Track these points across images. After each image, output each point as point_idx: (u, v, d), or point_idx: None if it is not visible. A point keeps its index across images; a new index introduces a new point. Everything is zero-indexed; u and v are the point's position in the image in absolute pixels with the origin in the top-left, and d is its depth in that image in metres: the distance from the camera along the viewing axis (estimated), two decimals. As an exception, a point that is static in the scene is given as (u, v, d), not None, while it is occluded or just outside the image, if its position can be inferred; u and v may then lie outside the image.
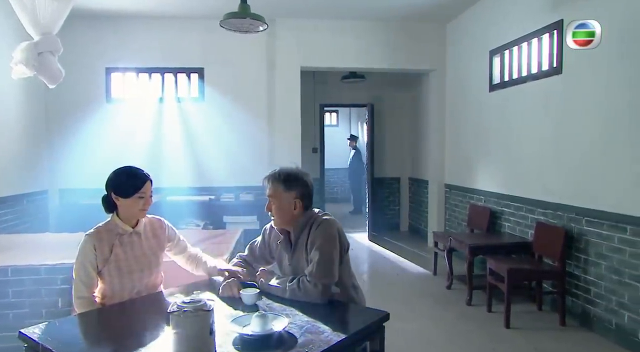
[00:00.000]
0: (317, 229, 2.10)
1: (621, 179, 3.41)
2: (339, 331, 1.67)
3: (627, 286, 3.35)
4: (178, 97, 6.06)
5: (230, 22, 3.93)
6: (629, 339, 3.34)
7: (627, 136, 3.36)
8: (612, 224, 3.46)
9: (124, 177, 2.13)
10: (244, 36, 5.60)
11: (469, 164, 5.80)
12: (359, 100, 7.99)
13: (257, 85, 6.14)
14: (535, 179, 4.38)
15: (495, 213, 5.06)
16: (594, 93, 3.65)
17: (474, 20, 5.62)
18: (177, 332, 1.44)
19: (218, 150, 6.00)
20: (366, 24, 6.22)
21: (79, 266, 2.06)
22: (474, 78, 5.59)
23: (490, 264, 4.04)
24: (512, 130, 4.78)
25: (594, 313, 3.66)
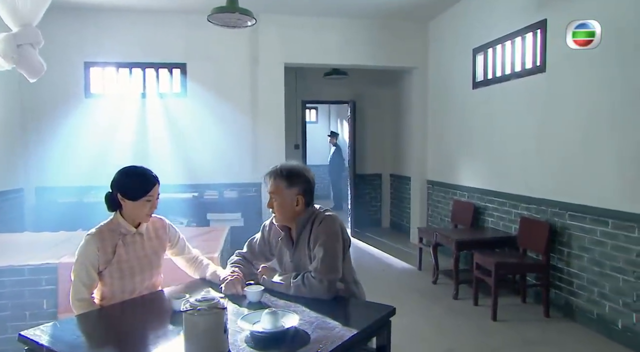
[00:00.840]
0: (320, 226, 2.10)
1: (603, 175, 3.52)
2: (350, 326, 1.67)
3: (609, 277, 3.47)
4: (160, 92, 5.94)
5: (218, 17, 3.87)
6: (610, 328, 3.47)
7: (609, 133, 3.48)
8: (595, 218, 3.58)
9: (132, 179, 2.06)
10: (227, 32, 5.54)
11: (452, 160, 5.89)
12: (341, 97, 8.00)
13: (240, 81, 6.09)
14: (519, 175, 4.48)
15: (479, 208, 5.16)
16: (577, 91, 3.76)
17: (456, 18, 5.70)
18: (191, 330, 1.42)
19: (201, 147, 5.93)
20: (349, 21, 6.23)
21: (80, 267, 2.00)
22: (457, 76, 5.67)
23: (477, 258, 4.12)
24: (495, 127, 4.87)
25: (576, 304, 3.78)
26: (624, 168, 3.35)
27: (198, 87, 5.95)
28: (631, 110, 3.29)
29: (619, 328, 3.41)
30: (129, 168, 2.13)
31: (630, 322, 3.31)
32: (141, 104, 5.88)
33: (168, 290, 2.16)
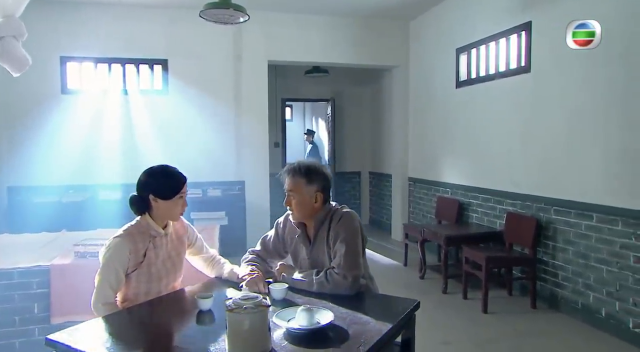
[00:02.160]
0: (339, 222, 2.11)
1: (587, 171, 3.69)
2: (383, 320, 1.70)
3: (593, 269, 3.65)
4: (141, 89, 5.79)
5: (210, 13, 3.81)
6: (594, 317, 3.64)
7: (592, 131, 3.64)
8: (579, 212, 3.74)
9: (164, 179, 2.05)
10: (209, 28, 5.47)
11: (435, 158, 6.01)
12: (321, 95, 8.03)
13: (223, 78, 6.01)
14: (504, 172, 4.63)
15: (463, 205, 5.29)
16: (561, 91, 3.92)
17: (439, 19, 5.82)
18: (236, 329, 1.41)
19: (184, 145, 5.82)
20: (332, 19, 6.25)
21: (110, 270, 1.94)
22: (440, 75, 5.79)
23: (467, 253, 4.24)
24: (480, 125, 5.01)
25: (561, 295, 3.95)
26: (607, 164, 3.52)
27: (180, 84, 5.84)
28: (614, 109, 3.46)
29: (602, 316, 3.58)
30: (158, 168, 2.10)
31: (614, 310, 3.49)
32: (121, 101, 5.71)
33: (188, 290, 2.13)
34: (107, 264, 1.96)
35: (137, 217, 2.10)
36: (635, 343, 3.29)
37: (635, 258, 3.32)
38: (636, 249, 3.31)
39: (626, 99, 3.37)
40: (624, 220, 3.38)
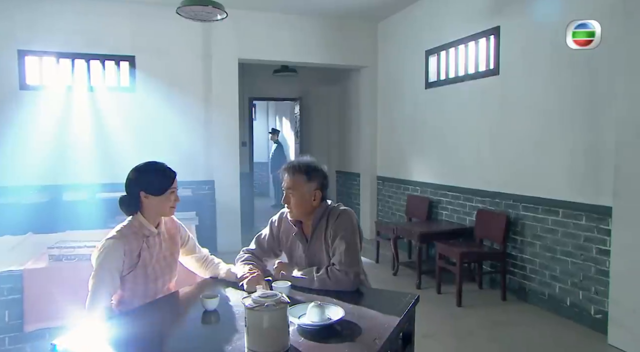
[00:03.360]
0: (337, 220, 2.15)
1: (553, 169, 3.91)
2: (390, 314, 1.75)
3: (559, 261, 3.87)
4: (107, 86, 5.59)
5: (187, 10, 3.74)
6: (560, 306, 3.87)
7: (559, 131, 3.86)
8: (546, 208, 3.96)
9: (154, 174, 2.02)
10: (178, 24, 5.41)
11: (403, 156, 6.15)
12: (288, 94, 8.03)
13: (192, 76, 5.90)
14: (473, 170, 4.81)
15: (433, 202, 5.46)
16: (529, 93, 4.12)
17: (408, 21, 5.95)
18: (257, 326, 1.42)
19: (152, 144, 5.65)
20: (302, 19, 6.27)
21: (105, 273, 1.89)
22: (409, 76, 5.94)
23: (440, 249, 4.38)
24: (449, 125, 5.18)
25: (529, 287, 4.16)
26: (572, 163, 3.74)
27: (148, 82, 5.68)
28: (579, 111, 3.68)
29: (567, 305, 3.81)
30: (146, 164, 2.08)
31: (577, 299, 3.72)
32: (86, 98, 5.49)
33: (184, 291, 2.10)
34: (101, 266, 1.91)
35: (127, 217, 2.06)
36: (597, 328, 3.52)
37: (597, 250, 3.55)
38: (598, 242, 3.54)
39: (590, 101, 3.59)
40: (587, 215, 3.61)
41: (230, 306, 1.88)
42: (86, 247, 3.13)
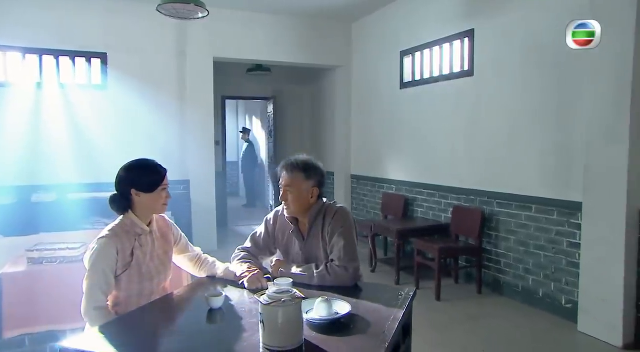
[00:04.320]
0: (335, 217, 2.19)
1: (526, 167, 4.09)
2: (393, 307, 1.81)
3: (532, 255, 4.05)
4: (77, 83, 5.42)
5: (168, 7, 3.69)
6: (533, 297, 4.05)
7: (530, 131, 4.04)
8: (520, 204, 4.13)
9: (145, 171, 2.01)
10: (151, 21, 5.36)
11: (379, 155, 6.26)
12: (261, 93, 8.01)
13: (166, 74, 5.81)
14: (449, 169, 4.96)
15: (409, 200, 5.58)
16: (502, 94, 4.29)
17: (382, 22, 6.06)
18: (274, 322, 1.44)
19: (126, 143, 5.51)
20: (277, 18, 6.28)
21: (98, 273, 1.86)
22: (384, 76, 6.04)
23: (419, 245, 4.50)
24: (424, 125, 5.31)
25: (504, 280, 4.34)
26: (544, 160, 3.93)
27: (121, 79, 5.54)
28: (550, 111, 3.87)
29: (540, 296, 4.00)
30: (136, 162, 2.06)
31: (549, 290, 3.91)
32: (56, 95, 5.30)
33: (178, 293, 2.09)
34: (95, 266, 1.88)
35: (119, 216, 2.03)
36: (568, 317, 3.71)
37: (568, 243, 3.74)
38: (569, 235, 3.73)
39: (560, 102, 3.78)
40: (559, 210, 3.80)
41: (233, 304, 1.89)
42: (68, 249, 3.06)
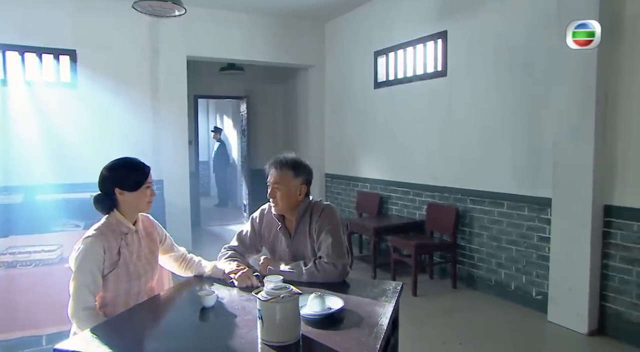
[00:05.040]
0: (322, 215, 2.23)
1: (498, 165, 4.24)
2: (384, 301, 1.87)
3: (504, 249, 4.20)
4: (44, 81, 5.24)
5: (144, 4, 3.63)
6: (505, 290, 4.21)
7: (502, 130, 4.19)
8: (492, 201, 4.28)
9: (128, 170, 1.99)
10: (123, 18, 5.31)
11: (352, 154, 6.33)
12: (234, 92, 7.95)
13: (139, 72, 5.69)
14: (423, 167, 5.07)
15: (383, 198, 5.68)
16: (475, 94, 4.43)
17: (356, 22, 6.13)
18: (272, 318, 1.46)
19: (97, 142, 5.38)
20: (251, 17, 6.26)
21: (86, 272, 1.83)
22: (357, 75, 6.12)
23: (395, 242, 4.59)
24: (398, 124, 5.41)
25: (477, 275, 4.48)
26: (515, 159, 4.09)
27: (92, 78, 5.39)
28: (521, 111, 4.02)
29: (512, 289, 4.16)
30: (119, 161, 2.04)
31: (521, 283, 4.08)
32: (22, 93, 5.11)
33: (165, 294, 2.08)
34: (82, 266, 1.85)
35: (103, 216, 2.01)
36: (538, 308, 3.88)
37: (538, 237, 3.91)
38: (539, 230, 3.90)
39: (530, 102, 3.94)
40: (529, 206, 3.96)
41: (223, 302, 1.90)
42: (44, 251, 2.98)
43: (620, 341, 3.35)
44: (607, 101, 3.38)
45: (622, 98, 3.32)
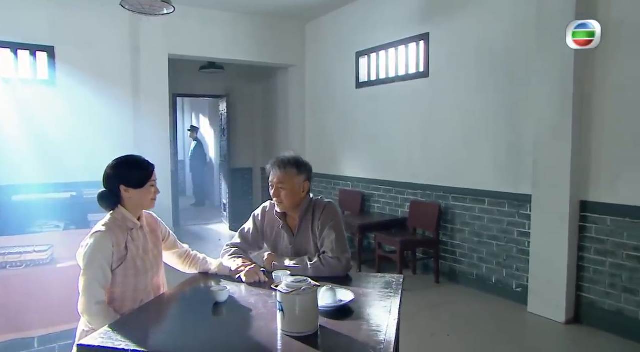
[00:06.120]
0: (325, 211, 2.29)
1: (479, 163, 4.40)
2: (390, 294, 1.94)
3: (485, 244, 4.37)
4: (20, 78, 5.10)
5: (132, 2, 3.60)
6: (486, 284, 4.38)
7: (484, 129, 4.35)
8: (474, 198, 4.44)
9: (133, 168, 2.01)
10: (103, 15, 5.26)
11: (334, 153, 6.41)
12: (214, 91, 7.91)
13: (119, 71, 5.60)
14: (405, 166, 5.20)
15: (365, 196, 5.78)
16: (457, 94, 4.58)
17: (337, 23, 6.20)
18: (292, 309, 1.52)
19: (76, 141, 5.29)
20: (233, 16, 6.25)
21: (96, 267, 1.84)
22: (339, 75, 6.20)
23: (380, 239, 4.70)
24: (381, 123, 5.52)
25: (459, 269, 4.64)
26: (496, 157, 4.25)
27: (71, 75, 5.27)
28: (502, 111, 4.19)
29: (493, 283, 4.33)
30: (124, 159, 2.06)
31: (502, 276, 4.25)
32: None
33: (170, 293, 2.10)
34: (92, 261, 1.86)
35: (107, 213, 2.02)
36: (518, 300, 4.06)
37: (518, 232, 4.09)
38: (519, 225, 4.07)
39: (511, 103, 4.11)
40: (509, 202, 4.14)
41: (235, 297, 1.93)
42: (35, 252, 2.93)
43: (595, 328, 3.56)
44: (583, 103, 3.57)
45: (596, 100, 3.52)
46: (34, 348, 2.82)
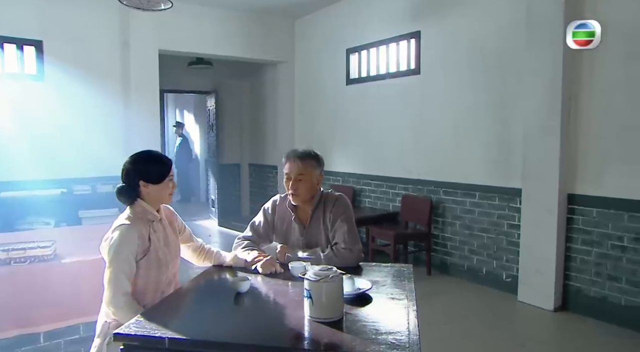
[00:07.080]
0: (336, 204, 2.36)
1: (470, 158, 4.53)
2: (402, 282, 2.04)
3: (476, 237, 4.51)
4: (6, 73, 5.00)
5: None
6: (477, 275, 4.52)
7: (474, 125, 4.49)
8: (464, 192, 4.58)
9: (152, 163, 2.05)
10: (92, 10, 5.22)
11: (324, 149, 6.40)
12: (202, 86, 7.88)
13: (109, 66, 5.54)
14: (396, 161, 5.30)
15: (356, 191, 5.87)
16: (447, 91, 4.70)
17: (327, 20, 6.26)
18: (320, 296, 1.59)
19: (66, 137, 5.22)
20: (222, 12, 6.24)
21: (122, 259, 1.88)
22: (329, 72, 6.26)
23: (374, 232, 4.80)
24: (372, 119, 5.61)
25: (450, 261, 4.77)
26: (487, 152, 4.39)
27: (59, 70, 5.20)
28: (492, 107, 4.33)
29: (483, 274, 4.48)
30: (143, 154, 2.10)
31: (492, 267, 4.40)
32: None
33: (188, 286, 2.14)
34: (118, 253, 1.90)
35: (126, 207, 2.06)
36: (508, 290, 4.21)
37: (508, 225, 4.24)
38: (509, 218, 4.22)
39: (501, 99, 4.25)
40: (500, 196, 4.28)
41: (256, 287, 1.99)
42: (39, 248, 2.91)
43: (581, 314, 3.73)
44: (571, 101, 3.72)
45: (583, 98, 3.68)
46: (39, 343, 2.82)
